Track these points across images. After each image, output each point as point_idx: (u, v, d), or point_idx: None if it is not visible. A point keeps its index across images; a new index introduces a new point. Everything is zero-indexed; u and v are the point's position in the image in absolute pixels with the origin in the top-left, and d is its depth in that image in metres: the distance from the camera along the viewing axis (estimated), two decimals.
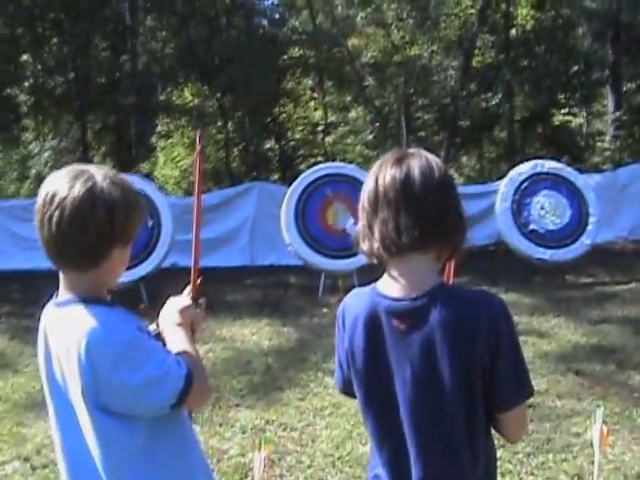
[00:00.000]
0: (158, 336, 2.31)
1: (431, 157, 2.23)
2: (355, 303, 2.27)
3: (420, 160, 2.19)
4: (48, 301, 2.27)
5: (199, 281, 2.56)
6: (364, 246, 2.22)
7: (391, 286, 2.18)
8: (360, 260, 10.74)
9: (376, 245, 2.18)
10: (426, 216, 2.13)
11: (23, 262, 14.30)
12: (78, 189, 1.99)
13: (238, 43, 17.25)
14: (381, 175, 2.19)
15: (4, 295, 12.66)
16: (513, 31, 20.25)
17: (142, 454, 2.03)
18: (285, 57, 19.69)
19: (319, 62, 19.94)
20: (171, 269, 10.82)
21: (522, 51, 19.67)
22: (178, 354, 2.13)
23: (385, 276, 2.23)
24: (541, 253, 11.27)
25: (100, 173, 2.05)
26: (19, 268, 14.30)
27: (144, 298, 10.25)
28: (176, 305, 2.37)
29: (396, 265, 2.18)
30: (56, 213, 1.98)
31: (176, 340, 2.21)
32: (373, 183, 2.20)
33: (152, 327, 2.46)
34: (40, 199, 2.04)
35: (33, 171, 26.87)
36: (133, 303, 3.84)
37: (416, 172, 2.16)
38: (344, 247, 10.78)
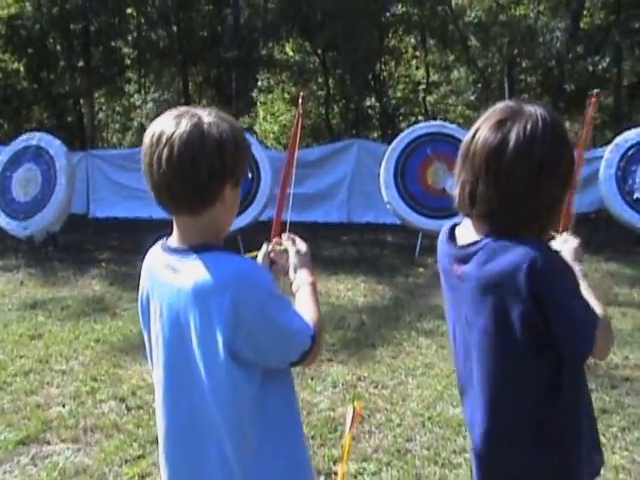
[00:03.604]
0: None
1: (545, 124, 2.00)
2: (440, 243, 2.32)
3: (525, 127, 1.98)
4: (153, 245, 2.23)
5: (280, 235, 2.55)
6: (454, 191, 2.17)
7: (462, 233, 2.20)
8: (459, 220, 10.66)
9: (455, 200, 2.14)
10: (507, 194, 1.99)
11: (124, 210, 14.74)
12: (185, 125, 1.94)
13: None
14: (480, 131, 2.04)
15: (105, 242, 13.00)
16: None
17: (255, 403, 2.01)
18: (388, 14, 19.43)
19: (422, 20, 19.60)
20: (268, 222, 10.85)
21: (634, 12, 18.82)
22: (306, 313, 2.13)
23: (464, 221, 2.21)
24: None
25: (204, 110, 2.02)
26: (120, 216, 14.71)
27: (241, 250, 10.35)
28: (305, 259, 2.38)
29: (468, 220, 2.17)
30: (165, 150, 1.93)
31: (307, 299, 2.20)
32: (471, 135, 2.07)
33: None
34: (147, 140, 1.99)
35: (135, 122, 27.45)
36: None
37: (511, 143, 1.97)
38: (443, 207, 10.66)
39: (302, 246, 2.40)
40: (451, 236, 2.25)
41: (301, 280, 2.29)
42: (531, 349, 2.03)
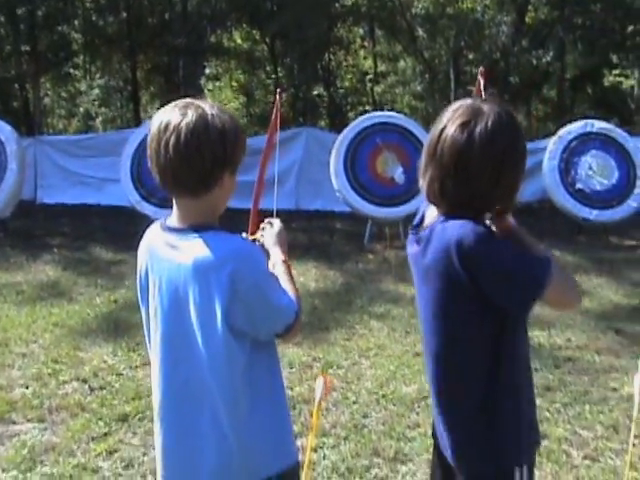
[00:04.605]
0: None
1: (502, 120, 2.20)
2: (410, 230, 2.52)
3: (487, 125, 2.17)
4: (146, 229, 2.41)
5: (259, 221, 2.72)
6: (419, 180, 2.35)
7: (429, 216, 2.40)
8: (407, 208, 11.00)
9: (423, 190, 2.33)
10: (474, 189, 2.20)
11: (72, 197, 14.67)
12: (191, 115, 2.12)
13: None
14: (446, 130, 2.22)
15: (55, 228, 12.99)
16: None
17: (245, 372, 2.20)
18: (337, 4, 19.61)
19: (371, 11, 19.83)
20: None
21: (577, 9, 19.32)
22: (288, 291, 2.32)
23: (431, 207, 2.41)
24: (586, 213, 11.33)
25: (207, 103, 2.19)
26: (68, 202, 14.64)
27: None
28: (278, 238, 2.56)
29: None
30: (172, 138, 2.10)
31: (283, 277, 2.38)
32: (437, 133, 2.25)
33: None
34: (154, 128, 2.16)
35: (81, 109, 27.15)
36: None
37: (477, 142, 2.16)
38: (392, 195, 10.97)
39: (275, 225, 2.60)
40: (421, 221, 2.45)
41: (274, 259, 2.48)
42: (471, 314, 2.25)
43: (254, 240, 2.61)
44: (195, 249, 2.16)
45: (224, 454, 2.21)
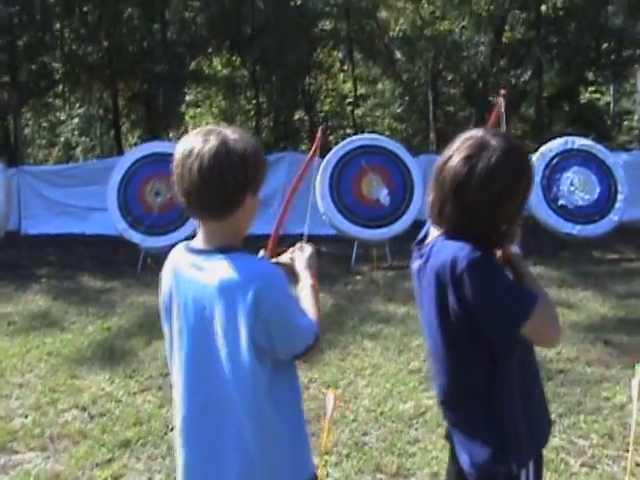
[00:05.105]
0: None
1: (506, 158, 2.26)
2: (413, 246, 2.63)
3: (490, 160, 2.24)
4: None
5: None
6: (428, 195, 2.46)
7: (431, 234, 2.51)
8: (393, 229, 11.11)
9: (427, 207, 2.44)
10: (470, 218, 2.30)
11: (56, 227, 14.62)
12: (213, 141, 2.22)
13: (270, 14, 17.35)
14: (452, 159, 2.30)
15: (41, 258, 12.98)
16: (544, 7, 20.16)
17: (268, 390, 2.28)
18: (316, 29, 19.80)
19: (350, 34, 20.04)
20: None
21: (553, 28, 19.61)
22: (309, 313, 2.40)
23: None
24: (569, 228, 11.51)
25: (228, 129, 2.29)
26: (53, 232, 14.60)
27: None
28: (309, 262, 2.64)
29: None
30: (196, 163, 2.19)
31: (308, 301, 2.47)
32: (444, 160, 2.33)
33: None
34: (178, 155, 2.26)
35: (62, 138, 27.10)
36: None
37: (476, 177, 2.24)
38: (378, 217, 11.07)
39: (306, 250, 2.69)
40: (424, 238, 2.57)
41: (303, 282, 2.56)
42: (466, 330, 2.34)
43: (277, 263, 2.68)
44: (220, 270, 2.24)
45: (247, 469, 2.29)
